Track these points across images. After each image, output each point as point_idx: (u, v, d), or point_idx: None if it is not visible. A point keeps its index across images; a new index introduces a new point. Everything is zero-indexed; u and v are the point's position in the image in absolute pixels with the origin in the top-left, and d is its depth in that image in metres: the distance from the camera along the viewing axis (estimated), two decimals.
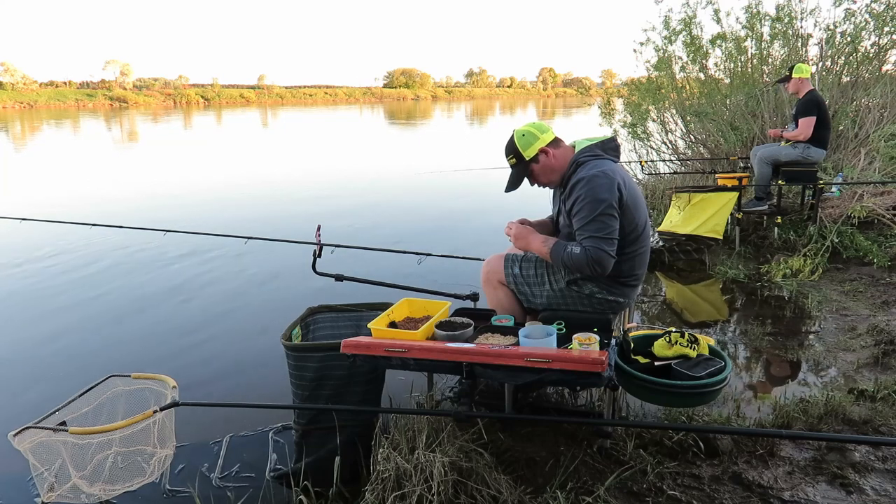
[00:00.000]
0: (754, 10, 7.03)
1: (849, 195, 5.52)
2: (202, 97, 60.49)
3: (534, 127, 2.39)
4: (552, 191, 2.53)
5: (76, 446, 2.01)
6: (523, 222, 2.51)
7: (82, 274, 5.12)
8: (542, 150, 2.35)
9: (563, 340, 2.11)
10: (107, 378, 2.29)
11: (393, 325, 2.31)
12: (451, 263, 4.22)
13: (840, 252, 4.78)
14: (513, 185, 2.44)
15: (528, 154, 2.36)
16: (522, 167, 2.40)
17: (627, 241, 2.29)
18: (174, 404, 2.06)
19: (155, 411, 1.98)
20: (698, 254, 5.07)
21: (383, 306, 2.51)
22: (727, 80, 7.52)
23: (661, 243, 5.24)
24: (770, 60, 7.26)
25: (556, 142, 2.39)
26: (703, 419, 2.51)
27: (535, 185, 2.48)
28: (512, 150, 2.40)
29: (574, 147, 2.39)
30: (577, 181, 2.25)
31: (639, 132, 7.81)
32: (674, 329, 2.27)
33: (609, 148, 2.37)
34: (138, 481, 2.11)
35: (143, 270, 5.20)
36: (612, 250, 2.20)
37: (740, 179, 5.06)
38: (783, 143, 5.28)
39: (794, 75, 5.18)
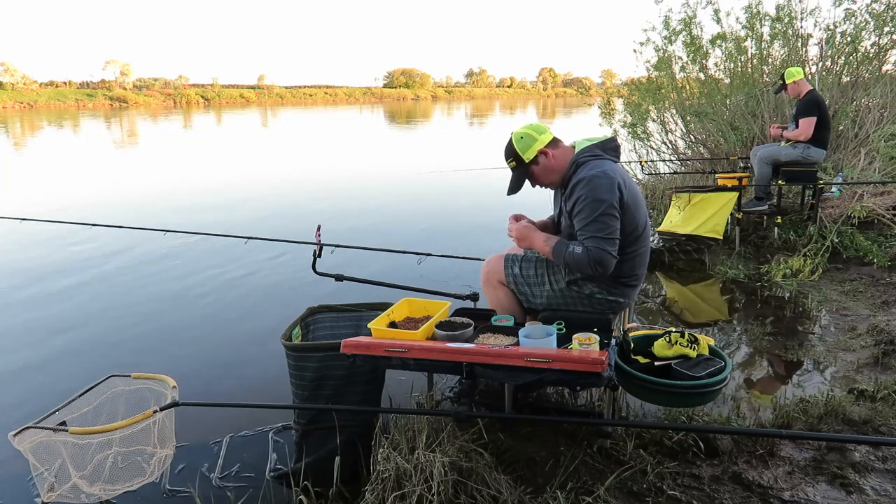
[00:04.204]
0: (754, 10, 7.04)
1: (849, 195, 5.52)
2: (202, 97, 60.48)
3: (531, 129, 2.39)
4: (553, 191, 2.53)
5: (76, 446, 2.02)
6: (519, 218, 2.51)
7: (82, 274, 5.12)
8: (541, 152, 2.35)
9: (563, 340, 2.11)
10: (107, 378, 2.29)
11: (393, 325, 2.31)
12: (451, 263, 4.22)
13: (840, 252, 4.78)
14: (514, 188, 2.44)
15: (528, 156, 2.36)
16: (523, 170, 2.40)
17: (628, 241, 2.29)
18: (174, 404, 2.06)
19: (155, 411, 1.99)
20: (698, 254, 5.07)
21: (383, 306, 2.51)
22: (727, 80, 7.52)
23: (661, 243, 5.24)
24: (770, 60, 7.26)
25: (555, 142, 2.39)
26: (703, 419, 2.51)
27: (537, 187, 2.48)
28: (511, 153, 2.39)
29: (574, 147, 2.39)
30: (578, 181, 2.24)
31: (639, 132, 7.81)
32: (674, 329, 2.28)
33: (609, 148, 2.37)
34: (138, 481, 2.11)
35: (142, 270, 5.20)
36: (614, 250, 2.20)
37: (740, 179, 5.06)
38: (783, 142, 5.29)
39: (787, 81, 5.19)
